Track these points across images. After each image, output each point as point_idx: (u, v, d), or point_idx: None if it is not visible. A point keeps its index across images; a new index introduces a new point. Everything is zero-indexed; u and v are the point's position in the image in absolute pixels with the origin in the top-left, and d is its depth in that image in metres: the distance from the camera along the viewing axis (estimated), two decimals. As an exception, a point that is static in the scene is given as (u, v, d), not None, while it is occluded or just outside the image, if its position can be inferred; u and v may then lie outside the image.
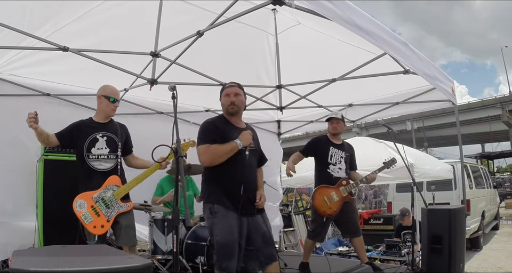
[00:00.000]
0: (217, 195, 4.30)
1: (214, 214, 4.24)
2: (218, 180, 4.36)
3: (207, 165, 4.33)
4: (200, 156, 4.30)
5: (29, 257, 2.30)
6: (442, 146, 45.14)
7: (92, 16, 5.27)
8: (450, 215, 5.85)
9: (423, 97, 7.26)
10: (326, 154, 6.44)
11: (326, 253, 9.90)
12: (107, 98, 5.05)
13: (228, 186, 4.32)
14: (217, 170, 4.34)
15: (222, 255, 4.14)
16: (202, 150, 4.30)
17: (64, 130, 5.06)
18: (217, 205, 4.25)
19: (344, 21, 3.87)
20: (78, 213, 4.66)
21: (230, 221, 4.21)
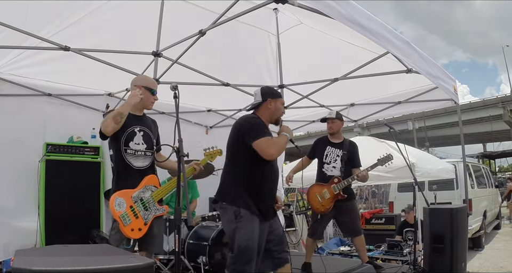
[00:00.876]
0: (244, 199, 4.23)
1: (239, 218, 4.17)
2: (249, 184, 4.30)
3: (275, 157, 4.29)
4: (267, 149, 4.16)
5: (31, 257, 2.30)
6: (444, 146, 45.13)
7: (94, 16, 5.27)
8: (452, 215, 5.85)
9: (425, 96, 7.25)
10: (322, 154, 6.55)
11: (328, 253, 9.90)
12: (148, 90, 4.57)
13: (258, 192, 4.31)
14: (249, 173, 4.31)
15: (242, 259, 4.12)
16: (268, 143, 4.19)
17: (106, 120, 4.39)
18: (243, 209, 4.19)
19: (347, 19, 3.87)
20: (117, 212, 4.15)
21: (254, 227, 4.20)
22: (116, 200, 4.17)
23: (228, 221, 4.28)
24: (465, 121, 32.01)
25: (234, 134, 4.39)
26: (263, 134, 4.21)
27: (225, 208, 4.32)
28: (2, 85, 6.13)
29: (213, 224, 6.12)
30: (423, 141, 35.37)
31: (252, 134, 4.20)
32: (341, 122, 6.66)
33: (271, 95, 4.57)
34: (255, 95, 4.62)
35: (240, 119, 4.50)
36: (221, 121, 8.94)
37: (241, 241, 4.13)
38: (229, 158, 4.49)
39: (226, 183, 4.44)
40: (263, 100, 4.52)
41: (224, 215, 4.38)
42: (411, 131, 33.56)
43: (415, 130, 33.96)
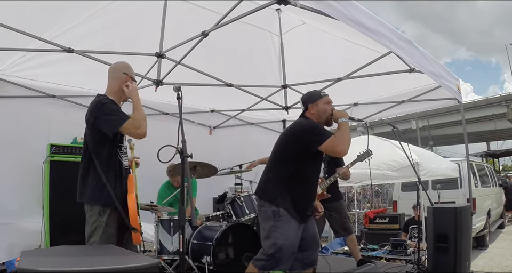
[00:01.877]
0: (286, 201, 4.29)
1: (278, 217, 4.24)
2: (294, 187, 4.34)
3: (347, 152, 4.28)
4: (338, 147, 4.20)
5: (36, 257, 2.32)
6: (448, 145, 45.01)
7: (97, 18, 5.30)
8: (456, 214, 5.83)
9: (429, 96, 7.24)
10: None
11: (332, 252, 9.90)
12: (133, 81, 4.26)
13: (301, 196, 4.37)
14: (295, 177, 4.35)
15: (276, 257, 4.18)
16: (336, 141, 4.20)
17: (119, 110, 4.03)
18: (282, 209, 4.25)
19: (349, 19, 3.88)
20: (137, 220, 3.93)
21: (292, 228, 4.25)
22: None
23: (266, 218, 4.34)
24: (468, 120, 31.91)
25: (289, 138, 4.48)
26: (327, 134, 4.28)
27: (264, 206, 4.40)
28: (7, 87, 6.16)
29: (217, 224, 6.12)
30: (427, 140, 35.28)
31: (317, 136, 4.25)
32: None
33: (310, 100, 4.66)
34: (300, 103, 4.79)
35: (297, 124, 4.59)
36: (225, 121, 8.95)
37: (278, 240, 4.19)
38: (276, 160, 4.54)
39: (271, 182, 4.47)
40: (305, 108, 4.65)
41: (261, 212, 4.46)
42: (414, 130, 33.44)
43: (418, 129, 33.85)
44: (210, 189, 7.66)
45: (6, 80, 6.11)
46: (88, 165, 3.95)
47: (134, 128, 3.87)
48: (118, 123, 3.84)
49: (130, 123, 3.84)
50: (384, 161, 9.42)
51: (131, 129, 3.89)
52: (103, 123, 3.86)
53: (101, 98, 4.04)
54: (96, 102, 3.98)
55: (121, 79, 4.16)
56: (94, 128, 3.93)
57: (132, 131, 3.91)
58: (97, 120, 3.88)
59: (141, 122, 3.90)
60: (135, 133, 3.91)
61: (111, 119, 3.86)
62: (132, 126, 3.85)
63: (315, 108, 4.56)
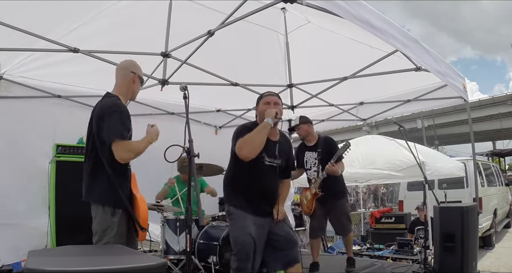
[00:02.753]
0: (237, 198, 4.34)
1: (231, 216, 4.32)
2: (237, 183, 4.41)
3: (249, 155, 4.19)
4: (240, 150, 4.20)
5: (43, 257, 2.31)
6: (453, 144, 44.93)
7: (102, 18, 5.30)
8: (462, 213, 5.81)
9: (435, 94, 7.22)
10: (302, 161, 6.58)
11: (338, 252, 9.90)
12: (141, 81, 4.32)
13: (248, 189, 4.36)
14: (235, 174, 4.43)
15: (240, 256, 4.17)
16: (239, 144, 4.20)
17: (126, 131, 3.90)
18: (233, 207, 4.31)
19: (355, 18, 3.87)
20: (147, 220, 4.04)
21: (247, 222, 4.23)
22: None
23: (227, 219, 4.48)
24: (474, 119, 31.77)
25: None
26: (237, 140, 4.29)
27: (225, 208, 4.50)
28: (12, 87, 6.17)
29: (223, 224, 6.11)
30: (432, 139, 35.22)
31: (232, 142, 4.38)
32: (305, 125, 6.59)
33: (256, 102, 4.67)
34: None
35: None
36: (230, 121, 8.95)
37: (235, 238, 4.25)
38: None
39: (224, 183, 4.58)
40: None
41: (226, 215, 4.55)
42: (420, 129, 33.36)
43: (424, 129, 33.79)
44: (216, 189, 7.64)
45: (11, 81, 6.13)
46: (95, 165, 3.89)
47: (123, 151, 3.79)
48: (115, 136, 3.77)
49: (124, 144, 3.80)
50: (389, 161, 9.40)
51: (119, 148, 3.77)
52: (105, 128, 3.82)
53: (118, 102, 3.99)
54: (113, 105, 3.92)
55: (128, 78, 4.16)
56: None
57: (118, 150, 3.77)
58: (103, 122, 3.84)
59: (132, 152, 3.86)
60: (119, 154, 3.78)
61: (114, 127, 3.79)
62: (123, 148, 3.79)
63: (258, 109, 4.57)
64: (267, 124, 4.19)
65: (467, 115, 7.81)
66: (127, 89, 4.16)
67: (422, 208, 9.65)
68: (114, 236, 3.81)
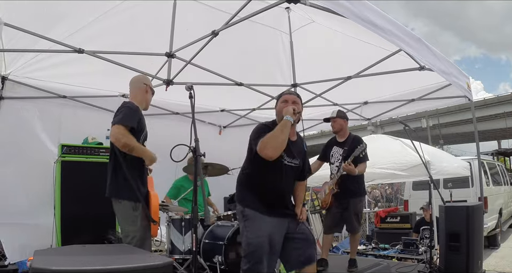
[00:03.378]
0: (252, 199, 4.27)
1: (246, 217, 4.22)
2: (254, 183, 4.33)
3: (273, 155, 4.10)
4: (263, 151, 4.08)
5: (50, 257, 2.32)
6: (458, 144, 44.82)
7: (107, 18, 5.32)
8: (468, 212, 5.81)
9: (439, 94, 7.22)
10: (328, 155, 6.65)
11: (343, 252, 9.88)
12: (152, 92, 4.82)
13: (266, 193, 4.30)
14: (252, 174, 4.34)
15: (252, 258, 4.13)
16: (262, 145, 4.10)
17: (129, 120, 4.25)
18: (248, 208, 4.23)
19: (359, 18, 3.87)
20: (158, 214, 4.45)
21: (263, 224, 4.19)
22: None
23: (239, 220, 4.38)
24: (479, 118, 31.66)
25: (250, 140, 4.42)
26: (261, 137, 4.18)
27: (237, 209, 4.41)
28: (17, 88, 6.19)
29: (228, 224, 6.11)
30: (437, 138, 35.09)
31: (253, 141, 4.25)
32: (342, 120, 6.53)
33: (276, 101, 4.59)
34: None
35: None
36: (235, 121, 8.95)
37: (249, 240, 4.16)
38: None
39: (238, 183, 4.49)
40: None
41: (237, 214, 4.50)
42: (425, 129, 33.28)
43: (429, 128, 33.69)
44: (221, 189, 7.66)
45: (17, 81, 6.15)
46: (115, 164, 4.31)
47: (118, 133, 4.11)
48: (119, 121, 4.15)
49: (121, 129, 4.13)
50: (394, 160, 9.38)
51: (115, 130, 4.13)
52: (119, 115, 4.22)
53: (132, 103, 4.45)
54: (126, 103, 4.49)
55: (141, 89, 4.67)
56: None
57: (114, 130, 4.13)
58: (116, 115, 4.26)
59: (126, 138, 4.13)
60: (113, 133, 4.15)
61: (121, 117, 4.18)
62: (120, 130, 4.12)
63: (276, 109, 4.51)
64: (287, 122, 4.09)
65: (472, 115, 7.79)
66: (141, 98, 4.65)
67: (427, 208, 9.65)
68: (139, 229, 4.18)
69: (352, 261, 6.53)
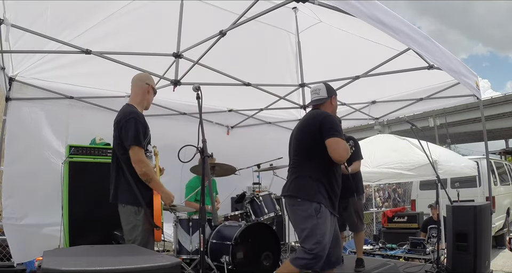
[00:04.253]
0: (324, 195, 4.27)
1: (320, 214, 4.21)
2: (328, 180, 4.34)
3: (342, 160, 4.32)
4: (340, 150, 4.22)
5: (59, 257, 2.33)
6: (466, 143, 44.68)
7: (114, 19, 5.35)
8: (475, 212, 5.79)
9: (447, 93, 7.18)
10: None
11: (350, 252, 9.87)
12: (154, 92, 4.67)
13: (334, 187, 4.37)
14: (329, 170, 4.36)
15: (320, 255, 4.15)
16: (345, 145, 4.26)
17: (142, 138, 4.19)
18: (323, 206, 4.23)
19: (368, 17, 3.86)
20: (160, 219, 4.30)
21: (330, 223, 4.28)
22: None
23: (307, 216, 4.25)
24: (487, 117, 31.46)
25: (313, 127, 4.38)
26: (340, 135, 4.27)
27: (302, 204, 4.31)
28: (25, 89, 6.21)
29: (235, 224, 6.11)
30: (445, 137, 35.01)
31: (332, 131, 4.23)
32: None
33: (334, 92, 4.69)
34: (318, 90, 4.68)
35: (319, 114, 4.49)
36: (242, 121, 8.94)
37: (323, 238, 4.16)
38: (303, 153, 4.50)
39: (303, 178, 4.41)
40: (329, 96, 4.62)
41: (299, 211, 4.35)
42: (432, 128, 33.20)
43: (436, 127, 33.61)
44: (229, 189, 7.65)
45: (24, 82, 6.16)
46: (117, 168, 4.24)
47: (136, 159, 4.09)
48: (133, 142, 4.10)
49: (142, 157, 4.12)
50: (401, 160, 9.38)
51: (134, 154, 4.09)
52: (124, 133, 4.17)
53: (134, 109, 4.32)
54: (130, 112, 4.25)
55: (142, 88, 4.51)
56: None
57: (134, 155, 4.10)
58: (122, 128, 4.18)
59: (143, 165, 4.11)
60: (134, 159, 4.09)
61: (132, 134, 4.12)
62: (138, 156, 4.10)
63: (335, 102, 4.63)
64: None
65: (479, 114, 7.79)
66: (142, 99, 4.51)
67: (435, 206, 9.61)
68: (141, 234, 4.11)
69: (359, 260, 6.53)
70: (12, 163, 6.07)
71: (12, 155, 6.09)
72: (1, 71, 5.58)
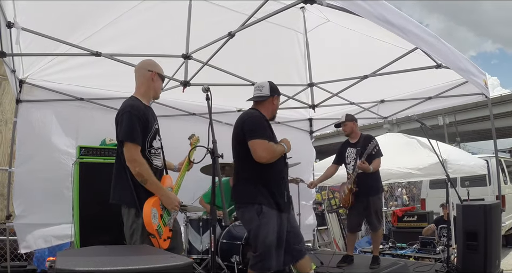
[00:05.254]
0: (264, 195, 4.29)
1: (262, 215, 4.23)
2: (266, 180, 4.36)
3: (265, 161, 4.27)
4: (259, 151, 4.22)
5: (73, 258, 2.35)
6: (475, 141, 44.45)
7: (123, 21, 5.37)
8: (485, 211, 5.78)
9: (456, 91, 7.17)
10: (343, 156, 7.01)
11: (360, 251, 9.88)
12: (161, 78, 4.31)
13: (274, 186, 4.38)
14: (264, 169, 4.35)
15: (268, 255, 4.18)
16: (264, 146, 4.24)
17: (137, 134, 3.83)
18: (264, 206, 4.25)
19: (375, 17, 3.86)
20: (153, 225, 3.74)
21: (275, 222, 4.28)
22: (152, 211, 3.77)
23: (249, 219, 4.31)
24: (496, 115, 31.31)
25: (238, 130, 4.45)
26: (264, 136, 4.29)
27: (245, 207, 4.38)
28: (35, 91, 6.24)
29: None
30: (454, 136, 34.90)
31: (252, 132, 4.28)
32: (351, 123, 6.99)
33: (277, 92, 4.75)
34: (262, 87, 4.72)
35: (243, 116, 4.57)
36: (251, 121, 8.93)
37: (267, 237, 4.19)
38: (238, 156, 4.54)
39: (242, 181, 4.48)
40: (271, 95, 4.65)
41: (244, 214, 4.41)
42: (441, 126, 33.10)
43: (445, 126, 33.49)
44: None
45: (34, 84, 6.19)
46: (119, 167, 3.93)
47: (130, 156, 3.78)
48: (125, 138, 3.80)
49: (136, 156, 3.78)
50: (410, 159, 9.38)
51: (127, 151, 3.79)
52: (119, 128, 3.90)
53: (132, 102, 4.01)
54: (126, 106, 3.96)
55: (145, 77, 4.16)
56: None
57: (127, 152, 3.79)
58: (118, 123, 3.93)
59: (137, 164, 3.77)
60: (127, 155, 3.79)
61: (125, 129, 3.82)
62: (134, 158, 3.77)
63: (277, 102, 4.74)
64: (284, 151, 4.51)
65: (489, 112, 7.74)
66: (147, 88, 4.17)
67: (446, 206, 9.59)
68: (141, 237, 3.81)
69: (375, 257, 6.68)
70: (22, 164, 6.09)
71: (23, 156, 6.12)
72: (12, 74, 5.61)
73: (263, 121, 4.45)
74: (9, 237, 6.16)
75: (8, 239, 6.14)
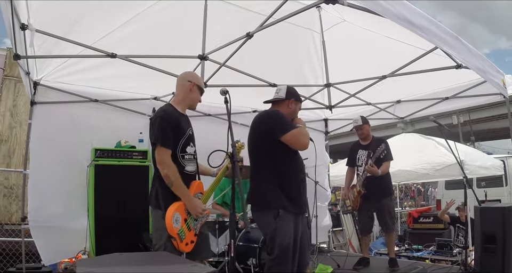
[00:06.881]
0: (281, 199, 4.25)
1: (278, 219, 4.19)
2: (283, 181, 4.31)
3: (306, 148, 4.32)
4: (302, 139, 4.29)
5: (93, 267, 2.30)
6: (490, 140, 44.09)
7: (138, 22, 5.33)
8: (504, 214, 5.68)
9: (473, 91, 7.08)
10: (355, 158, 7.08)
11: (376, 253, 9.81)
12: (200, 91, 4.49)
13: (291, 188, 4.33)
14: (282, 171, 4.33)
15: (284, 259, 4.14)
16: (302, 133, 4.33)
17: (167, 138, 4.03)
18: (281, 210, 4.21)
19: (397, 17, 3.80)
20: (174, 229, 3.86)
21: (292, 225, 4.24)
22: (174, 216, 3.89)
23: (266, 223, 4.29)
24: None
25: (258, 129, 4.47)
26: (292, 126, 4.30)
27: (261, 211, 4.36)
28: (50, 93, 6.24)
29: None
30: (468, 135, 34.62)
31: (282, 126, 4.27)
32: (367, 125, 7.09)
33: (295, 96, 4.67)
34: (279, 90, 4.70)
35: (264, 115, 4.60)
36: (267, 121, 8.88)
37: (283, 240, 4.15)
38: (256, 158, 4.52)
39: (259, 184, 4.43)
40: (286, 98, 4.60)
41: (261, 218, 4.39)
42: (456, 125, 32.85)
43: (460, 125, 33.24)
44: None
45: (49, 86, 6.19)
46: (155, 170, 4.13)
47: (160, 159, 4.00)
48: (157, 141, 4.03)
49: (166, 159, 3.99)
50: (427, 160, 9.31)
51: (158, 154, 4.02)
52: (151, 132, 4.17)
53: (165, 107, 4.33)
54: (159, 111, 4.28)
55: (184, 86, 4.38)
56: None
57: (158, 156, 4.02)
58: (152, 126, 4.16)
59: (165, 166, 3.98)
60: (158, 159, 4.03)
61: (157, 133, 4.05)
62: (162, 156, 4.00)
63: (293, 106, 4.64)
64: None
65: (504, 110, 7.66)
66: (183, 97, 4.38)
67: (463, 208, 9.51)
68: (167, 239, 3.91)
69: (392, 260, 6.70)
70: (37, 166, 6.09)
71: (38, 158, 6.12)
72: (26, 76, 5.60)
73: (284, 116, 4.44)
74: (24, 239, 6.16)
75: (24, 241, 6.14)
